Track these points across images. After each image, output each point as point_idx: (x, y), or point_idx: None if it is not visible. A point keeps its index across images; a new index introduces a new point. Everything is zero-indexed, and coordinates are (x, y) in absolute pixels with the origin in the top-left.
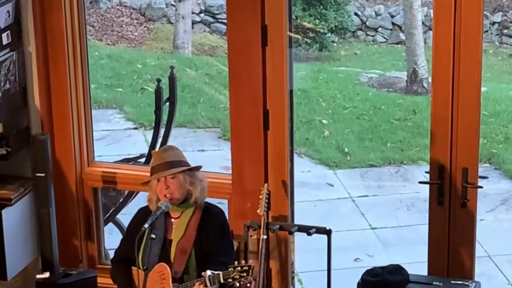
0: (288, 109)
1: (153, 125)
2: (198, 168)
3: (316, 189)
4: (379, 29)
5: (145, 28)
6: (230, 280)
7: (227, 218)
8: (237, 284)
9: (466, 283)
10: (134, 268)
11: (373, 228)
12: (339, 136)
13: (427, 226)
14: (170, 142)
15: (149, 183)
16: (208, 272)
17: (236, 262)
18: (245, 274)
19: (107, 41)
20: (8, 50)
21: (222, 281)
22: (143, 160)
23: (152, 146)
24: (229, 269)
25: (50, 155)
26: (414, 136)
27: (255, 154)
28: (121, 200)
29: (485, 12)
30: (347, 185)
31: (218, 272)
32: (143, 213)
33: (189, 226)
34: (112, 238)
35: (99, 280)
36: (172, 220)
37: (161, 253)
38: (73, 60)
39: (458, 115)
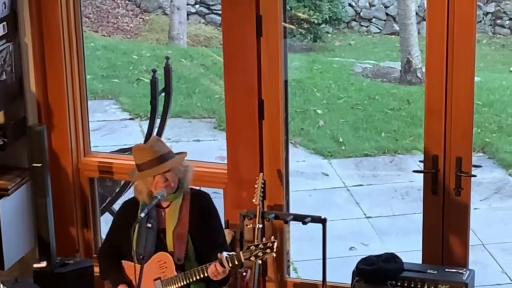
0: (283, 99)
1: (149, 115)
2: (185, 155)
3: (311, 179)
4: (373, 19)
5: (141, 20)
6: (252, 258)
7: (223, 207)
8: (259, 261)
9: (460, 271)
10: (124, 262)
11: (367, 217)
12: (333, 126)
13: (421, 215)
14: (165, 132)
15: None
16: (225, 254)
17: (255, 241)
18: (269, 251)
19: (103, 32)
20: (4, 41)
21: (243, 260)
22: None
23: (148, 136)
24: (250, 248)
25: (47, 146)
26: (408, 126)
27: (250, 144)
28: (117, 190)
29: (478, 3)
30: (342, 174)
31: (233, 252)
32: (131, 205)
33: (182, 213)
34: (108, 228)
35: (96, 269)
36: (162, 210)
37: (157, 243)
38: (69, 51)
39: (452, 105)
